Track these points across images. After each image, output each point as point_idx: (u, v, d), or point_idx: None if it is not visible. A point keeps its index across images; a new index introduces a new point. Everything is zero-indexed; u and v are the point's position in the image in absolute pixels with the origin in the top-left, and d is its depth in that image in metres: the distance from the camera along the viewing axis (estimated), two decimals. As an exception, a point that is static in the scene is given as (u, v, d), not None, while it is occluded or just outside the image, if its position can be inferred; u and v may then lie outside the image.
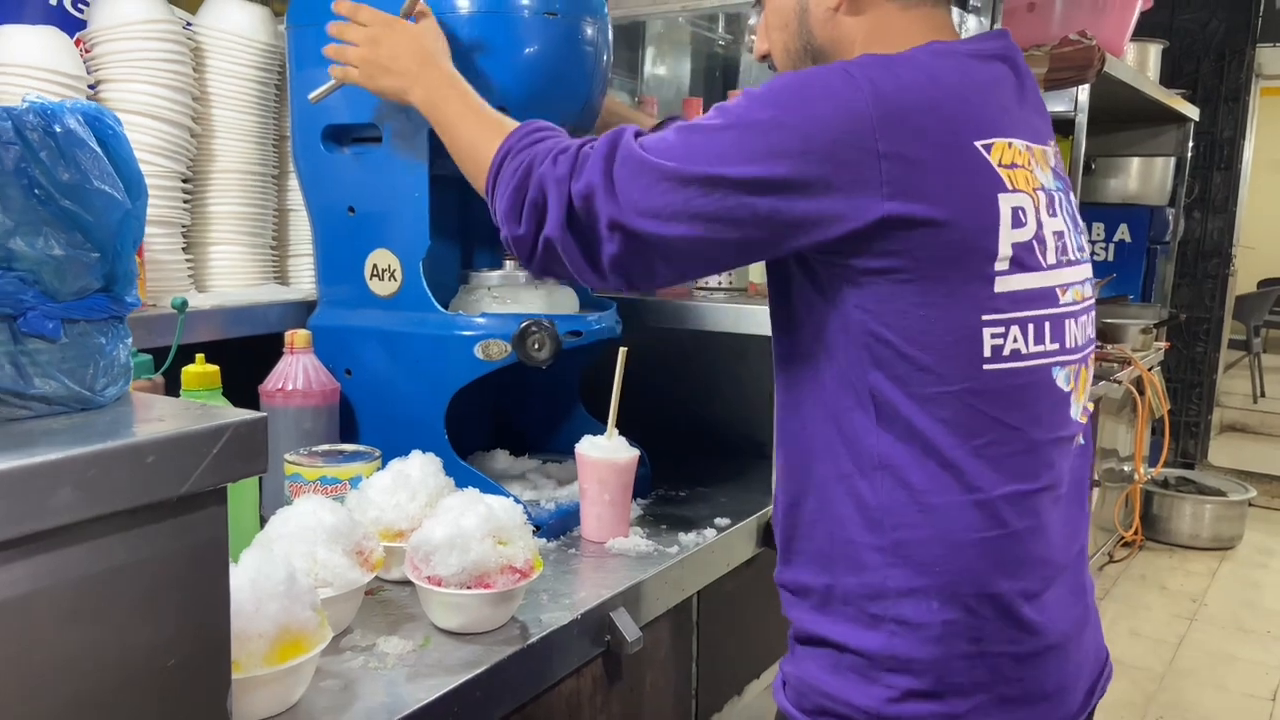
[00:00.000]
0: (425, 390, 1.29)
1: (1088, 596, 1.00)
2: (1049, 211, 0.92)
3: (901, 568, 0.90)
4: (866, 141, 0.84)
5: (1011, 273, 0.88)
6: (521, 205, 0.96)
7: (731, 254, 0.92)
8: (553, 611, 1.08)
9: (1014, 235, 0.88)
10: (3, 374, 0.64)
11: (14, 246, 0.63)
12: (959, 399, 0.88)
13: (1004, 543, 0.90)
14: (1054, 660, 0.93)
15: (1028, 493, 0.91)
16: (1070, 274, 0.94)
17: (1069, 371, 0.94)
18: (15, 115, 0.62)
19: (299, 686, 0.87)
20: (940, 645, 0.90)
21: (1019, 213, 0.88)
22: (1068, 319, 0.93)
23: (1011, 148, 0.89)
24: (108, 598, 0.62)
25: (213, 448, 0.65)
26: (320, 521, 0.98)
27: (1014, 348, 0.89)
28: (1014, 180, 0.89)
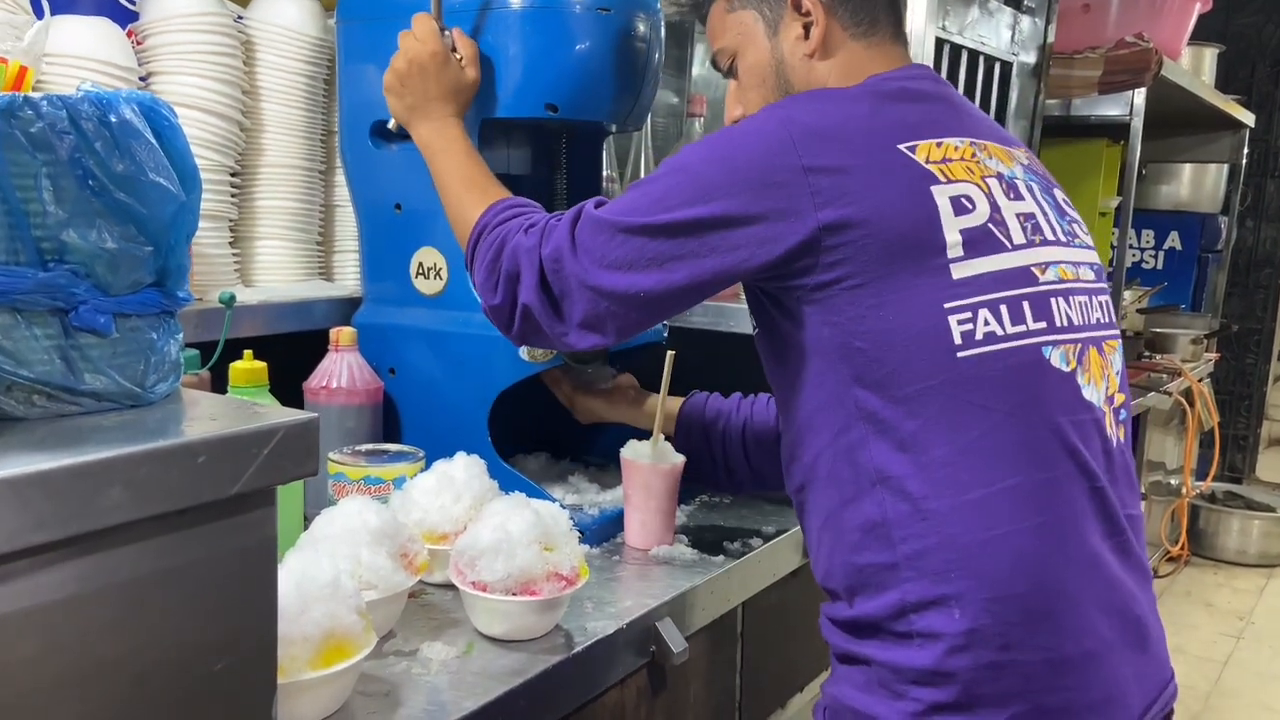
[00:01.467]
0: (469, 391, 1.27)
1: (1145, 603, 0.94)
2: (1009, 195, 0.93)
3: (916, 580, 0.88)
4: (790, 160, 0.89)
5: (969, 257, 0.88)
6: (498, 278, 1.02)
7: (689, 293, 0.95)
8: (598, 620, 1.06)
9: (960, 222, 0.89)
10: (53, 369, 0.62)
11: (66, 239, 0.62)
12: (942, 392, 0.87)
13: (1023, 538, 0.86)
14: (1097, 666, 0.88)
15: (1042, 482, 0.87)
16: (1049, 253, 0.93)
17: (1065, 351, 0.91)
18: (70, 104, 0.61)
19: (344, 692, 0.85)
20: (966, 654, 0.86)
21: (962, 200, 0.90)
22: (1053, 297, 0.91)
23: (942, 146, 0.92)
24: (156, 600, 0.60)
25: (264, 449, 0.64)
26: (365, 523, 0.96)
27: (988, 330, 0.88)
28: (949, 173, 0.91)
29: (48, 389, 0.62)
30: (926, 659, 0.87)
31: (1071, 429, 0.89)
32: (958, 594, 0.86)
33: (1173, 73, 2.67)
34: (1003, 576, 0.86)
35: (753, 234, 0.90)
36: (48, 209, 0.61)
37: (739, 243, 0.90)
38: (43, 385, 0.62)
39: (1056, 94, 2.77)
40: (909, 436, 0.88)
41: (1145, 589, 0.95)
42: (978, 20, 1.78)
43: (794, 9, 1.02)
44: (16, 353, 0.61)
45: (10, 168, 0.59)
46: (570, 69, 1.22)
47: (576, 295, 0.97)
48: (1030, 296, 0.90)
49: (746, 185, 0.90)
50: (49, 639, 0.55)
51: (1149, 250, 3.89)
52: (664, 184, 0.94)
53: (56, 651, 0.56)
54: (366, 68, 1.34)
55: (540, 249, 0.98)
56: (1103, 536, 0.90)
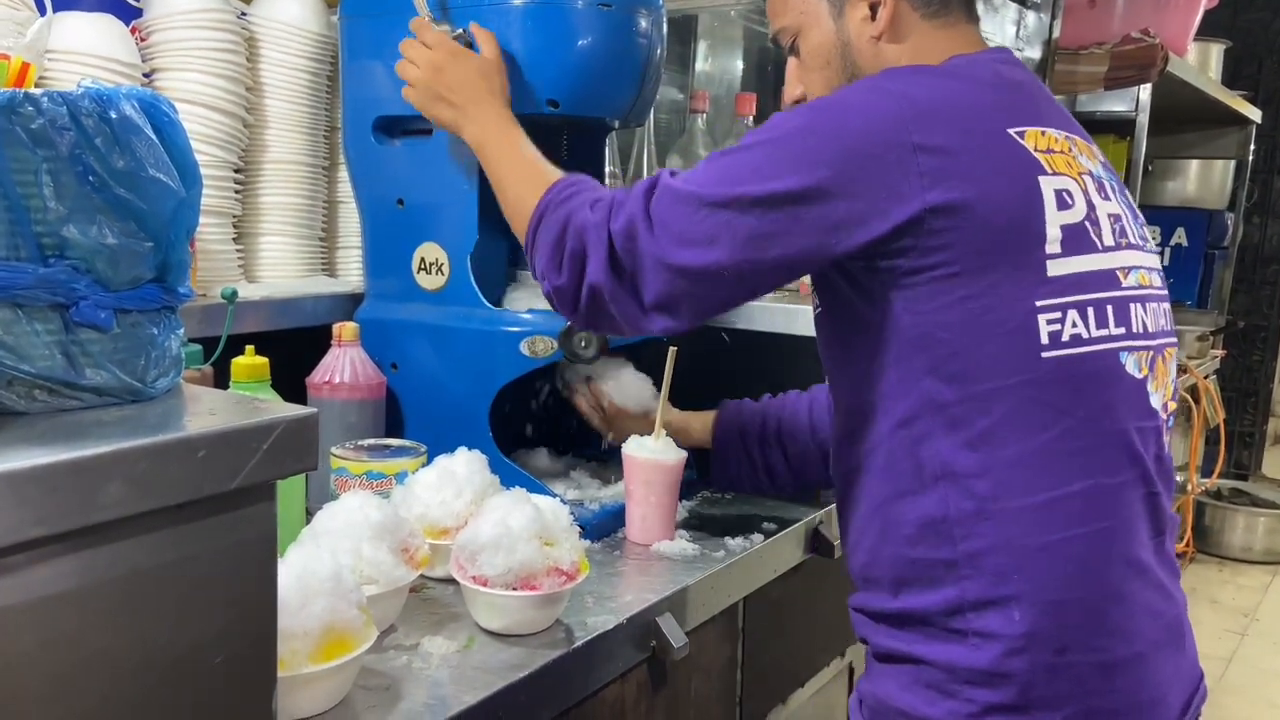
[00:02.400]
0: (470, 386, 1.27)
1: (1180, 604, 0.94)
2: (1100, 194, 0.91)
3: (976, 579, 0.87)
4: (901, 136, 0.85)
5: (1065, 255, 0.86)
6: (561, 256, 0.96)
7: (776, 273, 0.91)
8: (598, 615, 1.06)
9: (1062, 217, 0.87)
10: (54, 364, 0.63)
11: (67, 234, 0.62)
12: (1020, 392, 0.85)
13: (1084, 543, 0.86)
14: (1144, 668, 0.88)
15: (1108, 487, 0.86)
16: (1132, 257, 0.91)
17: (1139, 358, 0.90)
18: (71, 101, 0.61)
19: (344, 686, 0.85)
20: (1024, 656, 0.86)
21: (1064, 194, 0.87)
22: (1132, 303, 0.90)
23: (1046, 135, 0.89)
24: (156, 594, 0.61)
25: (264, 443, 0.64)
26: (367, 518, 0.97)
27: (1074, 332, 0.86)
28: (1053, 164, 0.88)
29: (49, 384, 0.63)
30: (983, 659, 0.86)
31: (1137, 436, 0.89)
32: (1017, 595, 0.85)
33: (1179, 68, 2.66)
34: (1063, 580, 0.85)
35: (855, 208, 0.84)
36: (48, 205, 0.61)
37: (837, 220, 0.85)
38: (44, 380, 0.63)
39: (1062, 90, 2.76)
40: (981, 434, 0.85)
41: (1179, 589, 0.96)
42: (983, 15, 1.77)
43: None
44: (17, 348, 0.61)
45: (11, 164, 0.60)
46: (571, 65, 1.22)
47: (651, 274, 0.90)
48: (1114, 301, 0.88)
49: (850, 158, 0.85)
50: (49, 633, 0.56)
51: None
52: (757, 154, 0.88)
53: (56, 645, 0.56)
54: (369, 63, 1.34)
55: (609, 224, 0.92)
56: (1149, 539, 0.91)
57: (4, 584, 0.53)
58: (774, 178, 0.86)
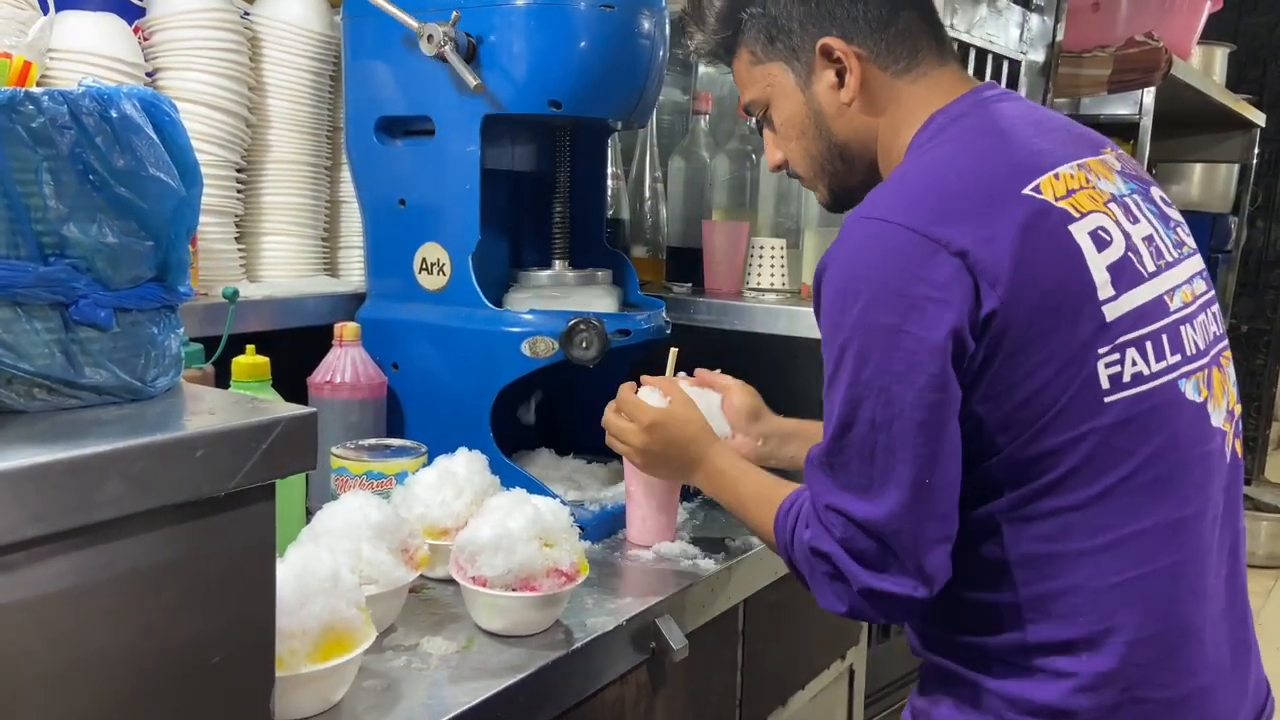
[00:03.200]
0: (471, 386, 1.27)
1: (1248, 623, 0.92)
2: (1129, 218, 0.87)
3: (1042, 622, 0.84)
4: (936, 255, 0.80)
5: (1119, 294, 0.83)
6: (827, 585, 0.89)
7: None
8: (597, 616, 1.06)
9: (1105, 258, 0.83)
10: (53, 362, 0.63)
11: (67, 233, 0.62)
12: (1085, 441, 0.81)
13: (1155, 580, 0.83)
14: (1209, 701, 0.86)
15: (1176, 521, 0.83)
16: (1174, 276, 0.88)
17: (1197, 380, 0.87)
18: (71, 100, 0.61)
19: (342, 686, 0.85)
20: (1091, 695, 0.83)
21: (1099, 234, 0.83)
22: (1182, 325, 0.87)
23: (1060, 178, 0.85)
24: (155, 593, 0.61)
25: (263, 443, 0.64)
26: (366, 518, 0.96)
27: (1135, 371, 0.82)
28: (1078, 206, 0.84)
29: (48, 382, 0.63)
30: (1051, 695, 0.84)
31: (1200, 462, 0.86)
32: (1088, 638, 0.83)
33: (1183, 72, 2.66)
34: (1134, 620, 0.83)
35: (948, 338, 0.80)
36: (48, 203, 0.61)
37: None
38: (43, 379, 0.63)
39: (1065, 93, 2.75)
40: (1046, 485, 0.82)
41: (1248, 607, 0.93)
42: (986, 18, 1.77)
43: (823, 56, 0.94)
44: (17, 346, 0.61)
45: (11, 163, 0.60)
46: (574, 66, 1.22)
47: (916, 545, 0.83)
48: (1166, 329, 0.84)
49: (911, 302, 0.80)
50: (47, 631, 0.56)
51: (1158, 250, 3.86)
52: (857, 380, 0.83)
53: (55, 644, 0.56)
54: (372, 63, 1.34)
55: (840, 540, 0.86)
56: (1219, 564, 0.88)
57: (2, 582, 0.53)
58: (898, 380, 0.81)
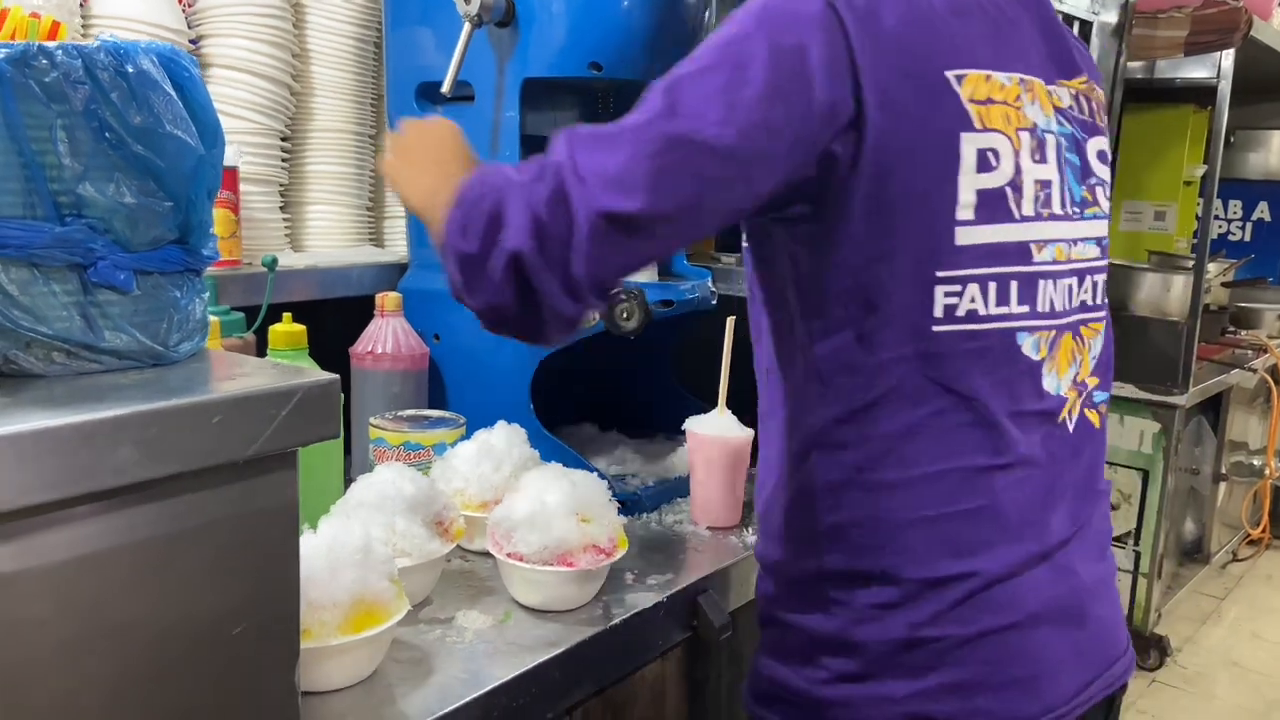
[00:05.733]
0: (511, 358, 1.25)
1: (1080, 578, 0.86)
2: (1034, 156, 0.81)
3: (839, 551, 0.83)
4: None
5: (977, 223, 0.79)
6: (467, 221, 0.78)
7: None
8: (638, 592, 1.03)
9: (980, 180, 0.78)
10: (72, 325, 0.62)
11: (84, 192, 0.61)
12: (907, 364, 0.79)
13: (951, 522, 0.81)
14: (1018, 641, 0.82)
15: (983, 469, 0.81)
16: (1053, 229, 0.83)
17: (1039, 338, 0.83)
18: (86, 54, 0.60)
19: (373, 658, 0.84)
20: (876, 627, 0.82)
21: (988, 155, 0.79)
22: (1042, 279, 0.83)
23: (991, 81, 0.80)
24: (173, 562, 0.59)
25: (282, 410, 0.62)
26: (400, 491, 0.95)
27: (970, 308, 0.79)
28: (986, 118, 0.79)
29: (67, 346, 0.62)
30: (836, 627, 0.84)
31: (1021, 421, 0.82)
32: (878, 570, 0.82)
33: (1263, 34, 2.52)
34: (929, 558, 0.81)
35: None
36: (64, 161, 0.60)
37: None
38: (62, 342, 0.61)
39: (1139, 55, 2.64)
40: (862, 405, 0.81)
41: (1096, 565, 0.88)
42: (1053, -25, 1.69)
43: None
44: (34, 309, 0.60)
45: (25, 119, 0.58)
46: (615, 27, 1.18)
47: (583, 234, 0.74)
48: (1020, 277, 0.81)
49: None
50: (61, 599, 0.54)
51: (1236, 221, 3.70)
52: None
53: (69, 612, 0.55)
54: (413, 29, 1.31)
55: (536, 183, 0.75)
56: (1044, 519, 0.84)
57: (11, 548, 0.52)
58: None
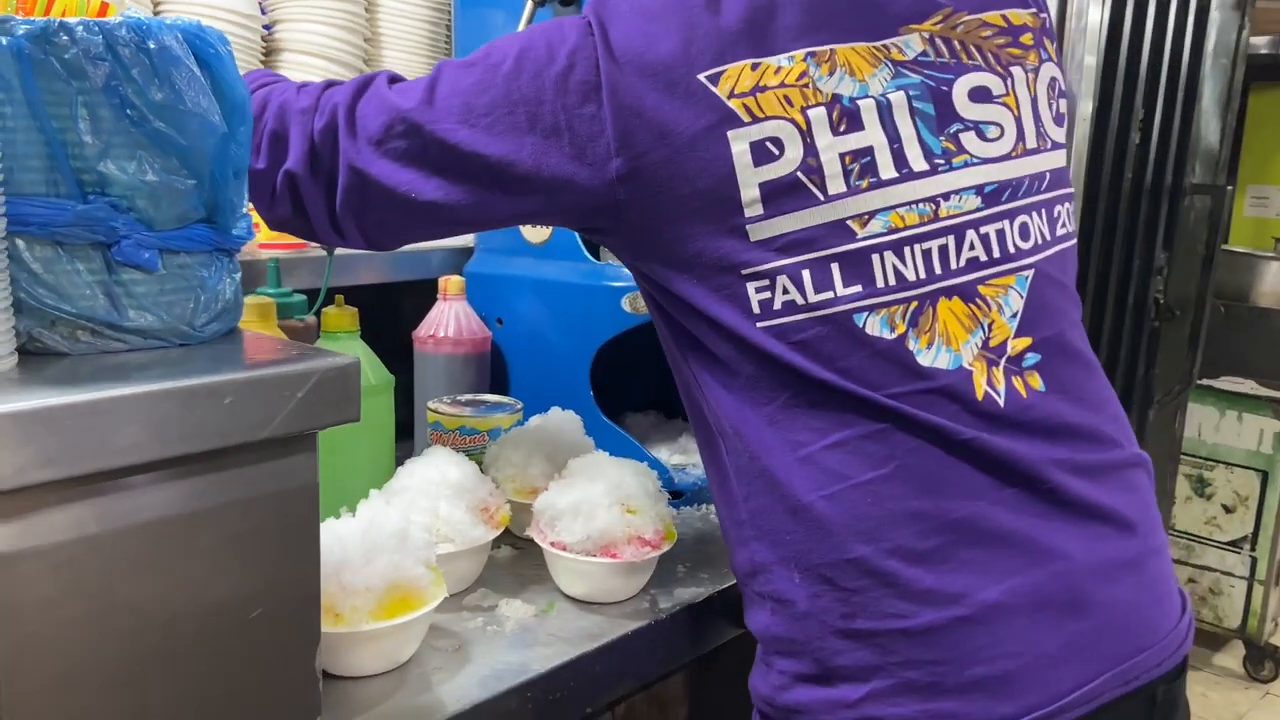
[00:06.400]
0: (572, 342, 1.23)
1: (1072, 560, 0.75)
2: (840, 127, 0.75)
3: (760, 540, 0.80)
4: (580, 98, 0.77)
5: (769, 216, 0.75)
6: (260, 137, 0.84)
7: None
8: (688, 586, 1.00)
9: (761, 174, 0.74)
10: (96, 304, 0.61)
11: (105, 170, 0.60)
12: (752, 353, 0.77)
13: (851, 497, 0.74)
14: (981, 638, 0.73)
15: (869, 435, 0.75)
16: (885, 196, 0.75)
17: (889, 314, 0.76)
18: (107, 30, 0.59)
19: (408, 644, 0.83)
20: (812, 622, 0.77)
21: (765, 146, 0.74)
22: (874, 254, 0.75)
23: (759, 68, 0.75)
24: (186, 544, 0.59)
25: (297, 392, 0.61)
26: (444, 476, 0.94)
27: (786, 299, 0.75)
28: (758, 106, 0.74)
29: (91, 324, 0.61)
30: (779, 626, 0.80)
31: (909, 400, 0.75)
32: (794, 556, 0.78)
33: None
34: (838, 539, 0.75)
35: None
36: (85, 139, 0.59)
37: None
38: (86, 321, 0.61)
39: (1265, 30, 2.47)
40: (741, 386, 0.78)
41: (1105, 545, 0.77)
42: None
43: None
44: (58, 287, 0.60)
45: (46, 96, 0.58)
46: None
47: (345, 180, 0.82)
48: (842, 257, 0.75)
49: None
50: (68, 579, 0.54)
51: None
52: None
53: (77, 592, 0.55)
54: (482, 13, 1.30)
55: (315, 115, 0.83)
56: (993, 492, 0.75)
57: (15, 527, 0.52)
58: None
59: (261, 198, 0.86)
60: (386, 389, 1.05)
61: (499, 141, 0.78)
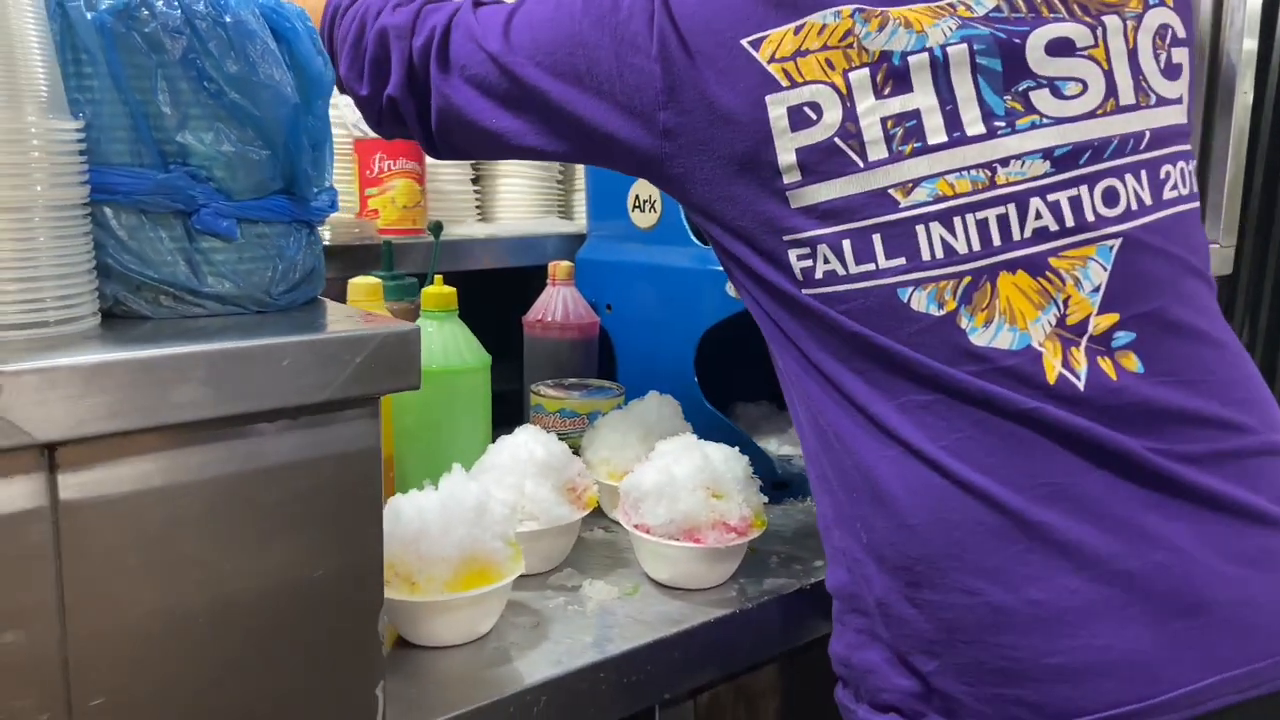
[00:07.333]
0: (678, 328, 1.21)
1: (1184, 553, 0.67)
2: (885, 89, 0.71)
3: (831, 494, 0.77)
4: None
5: (808, 182, 0.73)
6: (363, 64, 0.91)
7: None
8: (780, 577, 0.97)
9: (798, 139, 0.73)
10: (177, 270, 0.64)
11: (184, 140, 0.63)
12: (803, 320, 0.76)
13: (911, 463, 0.71)
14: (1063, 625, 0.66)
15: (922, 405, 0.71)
16: (934, 163, 0.71)
17: (936, 290, 0.70)
18: (185, 4, 0.62)
19: (484, 617, 0.83)
20: (880, 584, 0.73)
21: (803, 110, 0.72)
22: (919, 224, 0.71)
23: (802, 30, 0.73)
24: (246, 501, 0.61)
25: (355, 357, 0.62)
26: (531, 454, 0.94)
27: (827, 269, 0.73)
28: (797, 71, 0.73)
29: (172, 290, 0.64)
30: (853, 584, 0.76)
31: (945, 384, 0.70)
32: (860, 516, 0.74)
33: None
34: (896, 505, 0.71)
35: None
36: (165, 110, 0.62)
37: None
38: (168, 286, 0.64)
39: None
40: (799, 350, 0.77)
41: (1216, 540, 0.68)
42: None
43: None
44: (142, 253, 0.63)
45: (128, 69, 0.61)
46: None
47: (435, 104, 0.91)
48: (883, 227, 0.71)
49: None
50: (132, 530, 0.57)
51: None
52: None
53: (140, 543, 0.57)
54: None
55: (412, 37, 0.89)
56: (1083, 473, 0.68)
57: (81, 477, 0.54)
58: None
59: (370, 118, 0.95)
60: (483, 369, 1.06)
61: (560, 84, 0.82)
